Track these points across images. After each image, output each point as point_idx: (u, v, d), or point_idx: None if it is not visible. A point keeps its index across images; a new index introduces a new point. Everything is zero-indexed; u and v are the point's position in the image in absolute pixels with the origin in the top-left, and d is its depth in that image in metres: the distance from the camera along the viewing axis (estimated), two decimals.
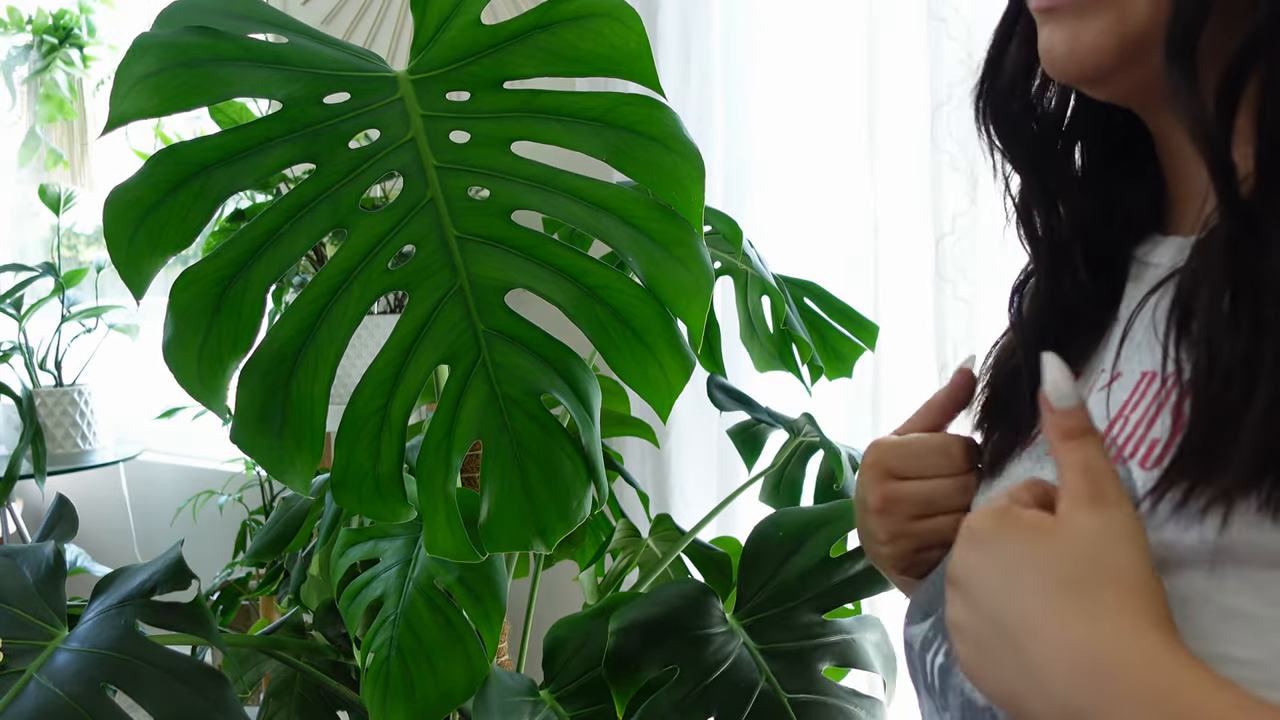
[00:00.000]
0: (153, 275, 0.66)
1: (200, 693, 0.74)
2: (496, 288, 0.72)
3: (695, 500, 1.51)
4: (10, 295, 2.13)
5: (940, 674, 0.47)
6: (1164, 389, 0.41)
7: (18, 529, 2.25)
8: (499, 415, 0.71)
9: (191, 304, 0.65)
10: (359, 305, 0.70)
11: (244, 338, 0.67)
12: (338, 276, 0.69)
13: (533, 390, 0.72)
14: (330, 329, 0.69)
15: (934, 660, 0.48)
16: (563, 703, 0.85)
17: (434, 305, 0.71)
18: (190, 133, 2.09)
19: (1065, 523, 0.38)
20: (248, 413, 0.67)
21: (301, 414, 0.68)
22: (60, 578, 0.84)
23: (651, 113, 0.73)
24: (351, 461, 0.70)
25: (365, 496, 0.70)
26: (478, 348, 0.71)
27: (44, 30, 2.41)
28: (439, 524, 0.71)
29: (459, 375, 0.71)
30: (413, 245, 0.71)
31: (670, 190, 0.74)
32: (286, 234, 0.68)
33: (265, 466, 0.68)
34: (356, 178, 0.70)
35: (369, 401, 0.70)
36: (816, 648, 0.83)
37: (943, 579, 0.49)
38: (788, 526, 0.88)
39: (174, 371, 0.66)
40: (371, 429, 0.70)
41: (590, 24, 0.71)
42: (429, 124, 0.72)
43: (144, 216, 0.64)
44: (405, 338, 0.70)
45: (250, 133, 0.68)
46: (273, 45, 0.69)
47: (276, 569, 1.52)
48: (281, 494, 1.94)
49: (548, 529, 0.71)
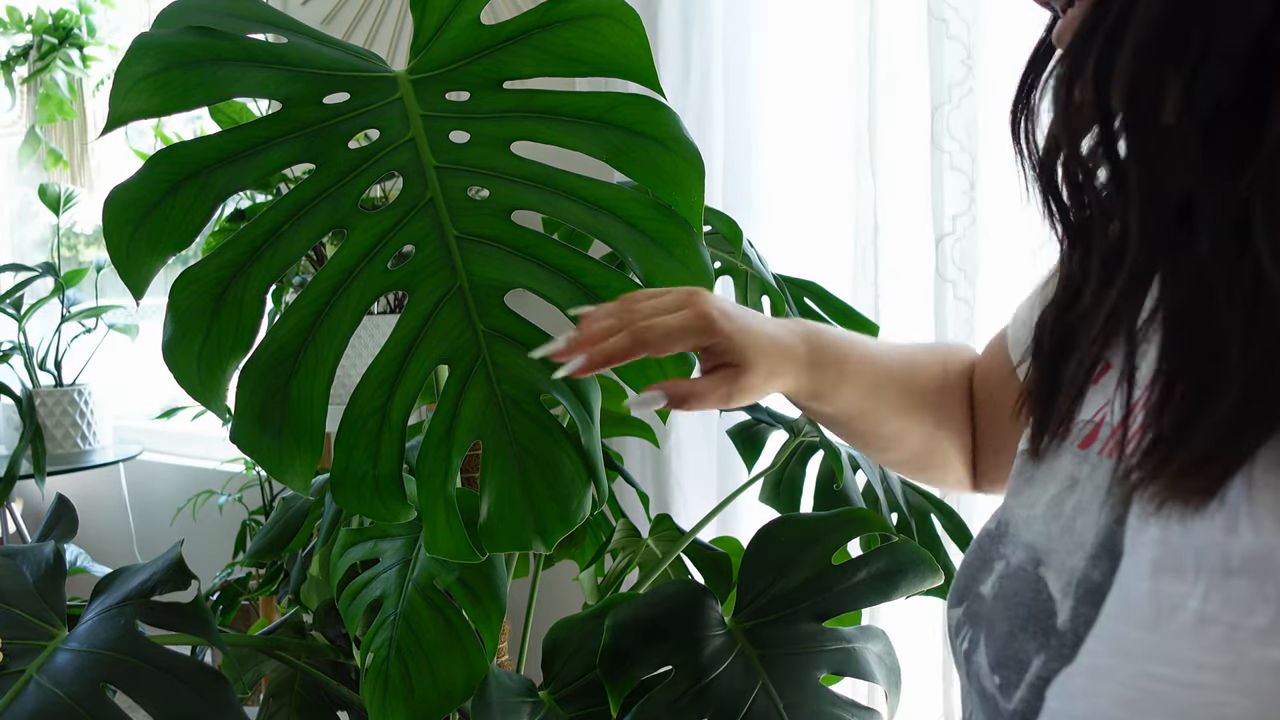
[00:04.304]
0: (152, 275, 0.66)
1: (200, 693, 0.74)
2: (496, 288, 0.72)
3: (695, 500, 1.51)
4: (10, 295, 2.13)
5: (966, 659, 0.48)
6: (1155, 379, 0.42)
7: (18, 529, 2.25)
8: (499, 415, 0.71)
9: (191, 304, 0.65)
10: (359, 305, 0.70)
11: (244, 338, 0.67)
12: (337, 276, 0.69)
13: (532, 390, 0.72)
14: (330, 329, 0.69)
15: (962, 645, 0.49)
16: (562, 703, 0.85)
17: (434, 305, 0.71)
18: (190, 133, 2.09)
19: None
20: (247, 413, 0.67)
21: (301, 414, 0.68)
22: (60, 578, 0.84)
23: (651, 113, 0.73)
24: (351, 462, 0.70)
25: (364, 496, 0.70)
26: (477, 348, 0.71)
27: (44, 30, 2.41)
28: (439, 524, 0.71)
29: (459, 375, 0.71)
30: (413, 245, 0.71)
31: (670, 190, 0.74)
32: (286, 234, 0.68)
33: (265, 466, 0.68)
34: (356, 178, 0.70)
35: (369, 401, 0.70)
36: (815, 655, 0.83)
37: (974, 564, 0.51)
38: (790, 532, 0.88)
39: (174, 372, 0.66)
40: (371, 429, 0.70)
41: (590, 24, 0.71)
42: (428, 124, 0.72)
43: (143, 216, 0.65)
44: (405, 338, 0.70)
45: (250, 133, 0.68)
46: (272, 45, 0.69)
47: (276, 569, 1.52)
48: (281, 494, 1.94)
49: (548, 529, 0.71)
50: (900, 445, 0.70)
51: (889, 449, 0.71)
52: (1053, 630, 0.42)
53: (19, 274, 2.16)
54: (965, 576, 0.52)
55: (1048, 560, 0.44)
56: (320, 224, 0.69)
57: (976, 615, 0.48)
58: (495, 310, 0.72)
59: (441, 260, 0.71)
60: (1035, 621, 0.43)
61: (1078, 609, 0.41)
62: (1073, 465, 0.47)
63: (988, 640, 0.46)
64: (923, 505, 1.09)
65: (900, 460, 0.72)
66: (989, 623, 0.47)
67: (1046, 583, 0.44)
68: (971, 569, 0.51)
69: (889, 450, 0.71)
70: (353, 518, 0.96)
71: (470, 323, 0.71)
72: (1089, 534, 0.42)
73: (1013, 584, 0.46)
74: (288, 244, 0.68)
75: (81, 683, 0.73)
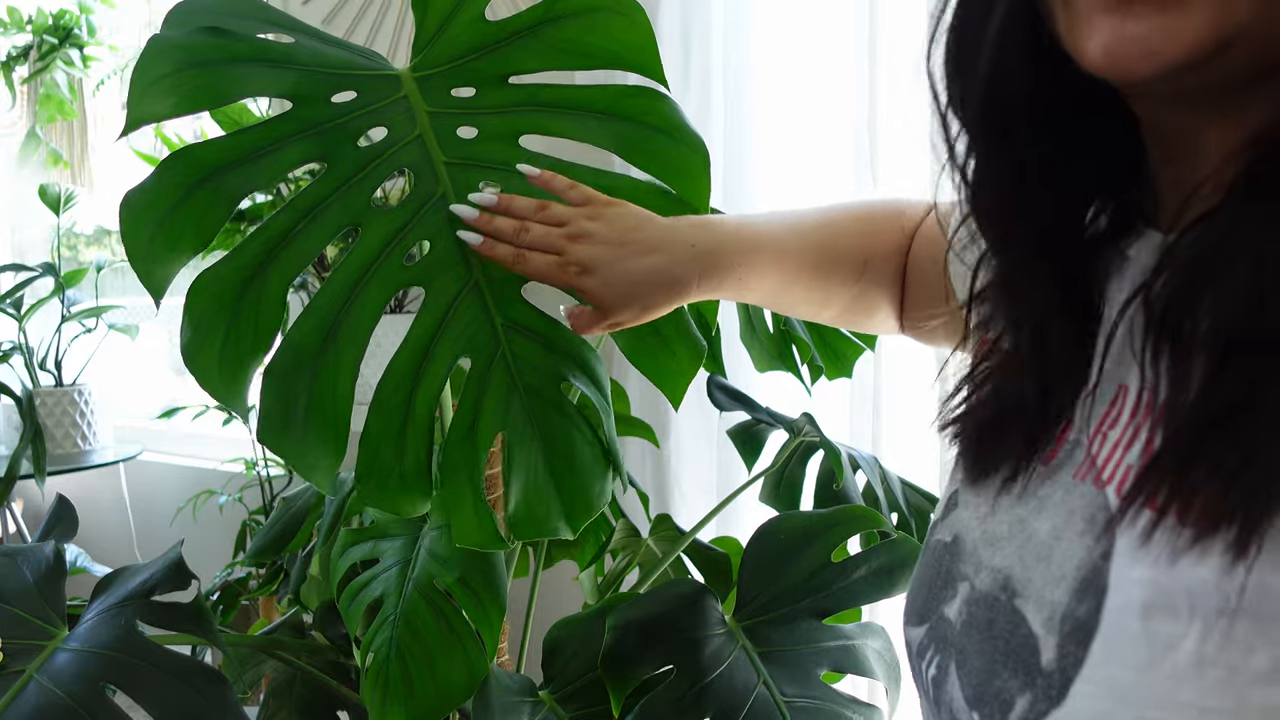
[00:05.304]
0: (172, 277, 0.66)
1: (200, 693, 0.74)
2: (513, 280, 0.72)
3: (695, 500, 1.51)
4: (10, 295, 2.13)
5: (934, 685, 0.47)
6: (1139, 407, 0.40)
7: (18, 529, 2.25)
8: (521, 406, 0.72)
9: (209, 307, 0.66)
10: (378, 302, 0.70)
11: (264, 338, 0.67)
12: (354, 274, 0.70)
13: (553, 379, 0.72)
14: (351, 327, 0.69)
15: (928, 670, 0.47)
16: (562, 703, 0.85)
17: (451, 300, 0.71)
18: (191, 132, 2.09)
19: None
20: (273, 413, 0.67)
21: (326, 413, 0.68)
22: (60, 578, 0.84)
23: (654, 104, 0.74)
24: (377, 458, 0.70)
25: (389, 491, 0.70)
26: (496, 341, 0.72)
27: (44, 30, 2.41)
28: (466, 515, 0.71)
29: (479, 368, 0.71)
30: (427, 241, 0.71)
31: (678, 179, 0.76)
32: (301, 233, 0.68)
33: (293, 465, 0.68)
34: (367, 176, 0.70)
35: (391, 397, 0.70)
36: (816, 652, 0.83)
37: (934, 581, 0.49)
38: (790, 530, 0.88)
39: (196, 375, 0.66)
40: (396, 425, 0.70)
41: (595, 18, 0.72)
42: (435, 120, 0.72)
43: (160, 220, 0.65)
44: (425, 333, 0.71)
45: (262, 133, 0.68)
46: (282, 45, 0.70)
47: (276, 569, 1.52)
48: (281, 494, 1.94)
49: (573, 515, 0.72)
50: (826, 309, 0.75)
51: (817, 315, 0.77)
52: (1037, 670, 0.40)
53: (19, 274, 2.15)
54: (923, 593, 0.50)
55: (1024, 591, 0.42)
56: (334, 223, 0.69)
57: (944, 640, 0.46)
58: (513, 303, 0.72)
59: (456, 255, 0.71)
60: (1016, 658, 0.41)
61: (1064, 647, 0.39)
62: (1038, 483, 0.45)
63: (961, 672, 0.44)
64: (922, 504, 1.09)
65: (829, 319, 0.77)
66: (960, 652, 0.45)
67: (1025, 617, 0.42)
68: (930, 585, 0.49)
69: (818, 315, 0.77)
70: (353, 518, 0.96)
71: (489, 316, 0.72)
72: (1069, 566, 0.40)
73: (985, 612, 0.44)
74: (303, 243, 0.68)
75: (81, 682, 0.73)
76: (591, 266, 0.66)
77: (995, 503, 0.47)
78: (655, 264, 0.67)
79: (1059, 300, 0.45)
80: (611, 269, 0.66)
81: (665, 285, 0.67)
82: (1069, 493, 0.42)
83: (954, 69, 0.46)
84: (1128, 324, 0.42)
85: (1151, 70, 0.36)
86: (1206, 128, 0.40)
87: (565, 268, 0.67)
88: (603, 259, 0.67)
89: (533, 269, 0.68)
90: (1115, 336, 0.42)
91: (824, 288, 0.71)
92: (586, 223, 0.68)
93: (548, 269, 0.67)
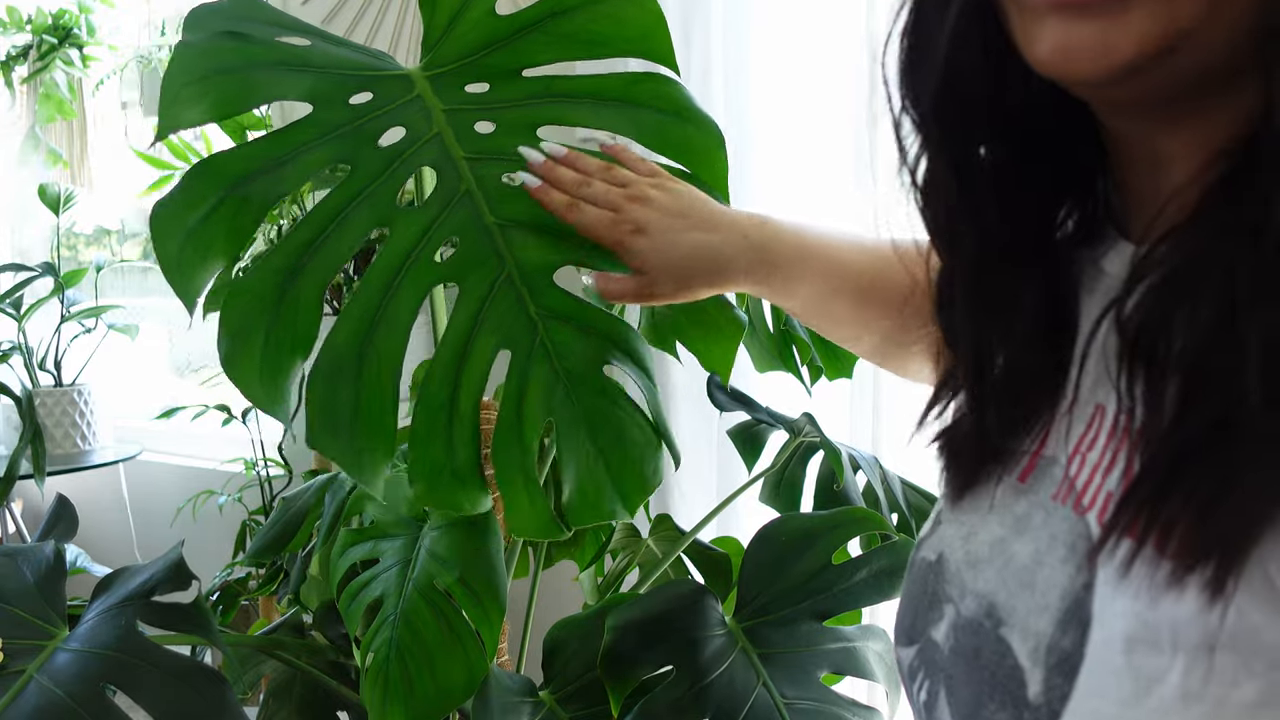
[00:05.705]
0: (204, 286, 0.66)
1: (200, 693, 0.74)
2: (544, 269, 0.72)
3: (695, 500, 1.51)
4: (10, 295, 2.13)
5: (926, 710, 0.46)
6: (1115, 429, 0.40)
7: (18, 529, 2.25)
8: (565, 393, 0.72)
9: (245, 316, 0.66)
10: (413, 300, 0.70)
11: (302, 343, 0.67)
12: (387, 274, 0.70)
13: (594, 363, 0.72)
14: (389, 326, 0.69)
15: (919, 693, 0.47)
16: (562, 704, 0.85)
17: (485, 293, 0.71)
18: (191, 132, 2.09)
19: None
20: (320, 417, 0.67)
21: (372, 413, 0.68)
22: (60, 578, 0.84)
23: (663, 88, 0.75)
24: (427, 456, 0.70)
25: (442, 488, 0.70)
26: (534, 330, 0.72)
27: (44, 30, 2.41)
28: (521, 504, 0.71)
29: (520, 359, 0.71)
30: (456, 236, 0.71)
31: (695, 161, 0.77)
32: (332, 236, 0.68)
33: (343, 466, 0.68)
34: (390, 176, 0.70)
35: (436, 395, 0.70)
36: (815, 654, 0.83)
37: (920, 601, 0.48)
38: (790, 532, 0.88)
39: (236, 382, 0.66)
40: (442, 422, 0.70)
41: (603, 6, 0.73)
42: (451, 117, 0.73)
43: (190, 231, 0.65)
44: (463, 328, 0.71)
45: (285, 139, 0.68)
46: (299, 48, 0.70)
47: (276, 569, 1.52)
48: (281, 494, 1.94)
49: (629, 496, 0.73)
50: (866, 334, 0.73)
51: (856, 342, 0.76)
52: (1024, 702, 0.40)
53: (19, 274, 2.15)
54: (911, 611, 0.49)
55: (1009, 620, 0.42)
56: (363, 224, 0.69)
57: (933, 664, 0.46)
58: (546, 291, 0.72)
59: (487, 249, 0.71)
60: (1004, 689, 0.41)
61: (1050, 680, 0.39)
62: (1013, 500, 0.44)
63: (950, 699, 0.44)
64: (922, 505, 1.09)
65: (866, 351, 0.76)
66: (949, 679, 0.44)
67: (1011, 647, 0.41)
68: (918, 604, 0.49)
69: (856, 342, 0.76)
70: (352, 518, 0.96)
71: (524, 306, 0.72)
72: (1053, 595, 0.40)
73: (971, 639, 0.43)
74: (334, 246, 0.68)
75: (82, 683, 0.73)
76: (646, 228, 0.67)
77: (975, 522, 0.46)
78: (708, 241, 0.67)
79: (1019, 309, 0.44)
80: (664, 235, 0.67)
81: (712, 266, 0.67)
82: (1050, 515, 0.42)
83: (908, 66, 0.45)
84: (1101, 344, 0.41)
85: (1099, 72, 0.36)
86: (1159, 136, 0.40)
87: (619, 224, 0.67)
88: (658, 224, 0.67)
89: (587, 220, 0.68)
90: (1090, 355, 0.42)
91: (864, 310, 0.70)
92: (650, 189, 0.69)
93: (600, 222, 0.67)
